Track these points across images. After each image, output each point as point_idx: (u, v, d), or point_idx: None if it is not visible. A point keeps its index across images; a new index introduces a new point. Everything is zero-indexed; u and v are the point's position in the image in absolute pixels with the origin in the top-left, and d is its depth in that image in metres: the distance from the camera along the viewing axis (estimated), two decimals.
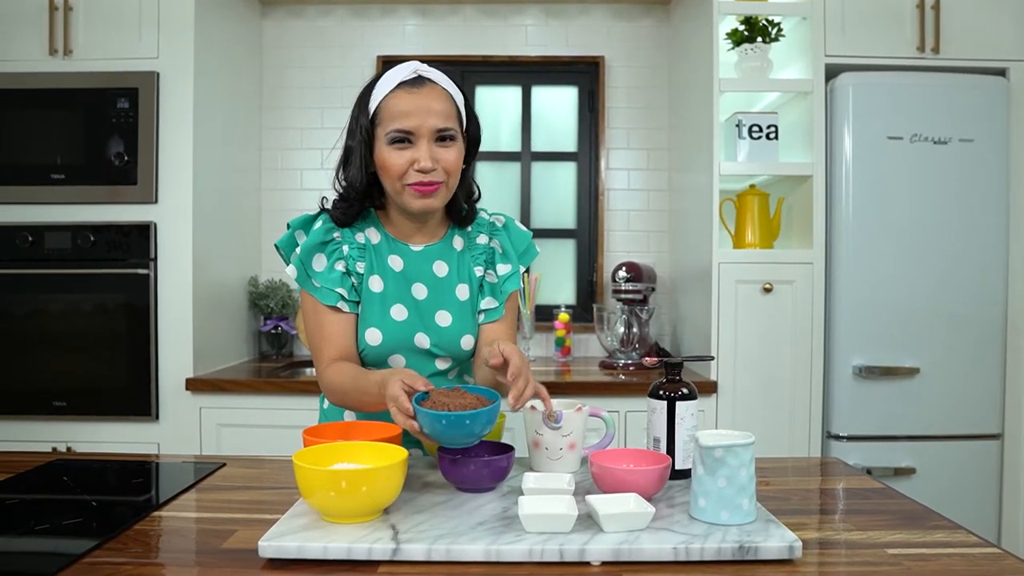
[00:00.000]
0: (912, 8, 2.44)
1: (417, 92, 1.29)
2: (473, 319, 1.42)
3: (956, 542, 1.04)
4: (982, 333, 2.46)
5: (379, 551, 0.92)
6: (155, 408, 2.40)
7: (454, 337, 1.39)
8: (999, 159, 2.45)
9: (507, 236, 1.45)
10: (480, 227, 1.46)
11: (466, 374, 1.49)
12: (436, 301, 1.39)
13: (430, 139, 1.29)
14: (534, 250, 1.48)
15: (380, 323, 1.35)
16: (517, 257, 1.44)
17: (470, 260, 1.43)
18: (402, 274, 1.39)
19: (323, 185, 3.01)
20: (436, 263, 1.41)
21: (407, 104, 1.28)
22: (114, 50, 2.39)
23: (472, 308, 1.42)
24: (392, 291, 1.38)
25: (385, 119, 1.30)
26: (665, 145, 3.06)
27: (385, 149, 1.30)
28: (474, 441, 1.06)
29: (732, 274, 2.44)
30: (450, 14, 3.06)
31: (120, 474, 1.36)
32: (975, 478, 2.48)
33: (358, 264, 1.37)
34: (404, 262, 1.40)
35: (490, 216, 1.48)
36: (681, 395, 1.22)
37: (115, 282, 2.39)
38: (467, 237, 1.45)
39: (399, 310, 1.37)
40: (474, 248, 1.44)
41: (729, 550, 0.93)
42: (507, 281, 1.41)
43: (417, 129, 1.28)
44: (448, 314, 1.39)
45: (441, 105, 1.31)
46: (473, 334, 1.41)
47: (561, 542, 0.93)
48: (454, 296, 1.40)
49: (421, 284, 1.40)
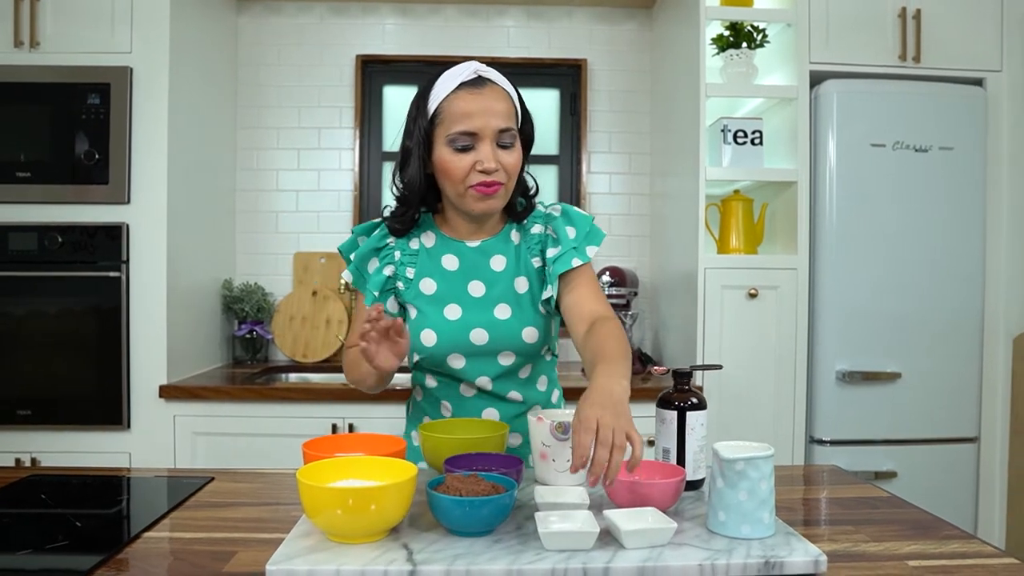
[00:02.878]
0: (894, 17, 2.47)
1: (479, 93, 1.28)
2: (535, 311, 1.37)
3: (972, 552, 1.03)
4: (960, 339, 2.50)
5: (395, 573, 0.87)
6: (126, 416, 2.31)
7: (514, 330, 1.34)
8: (977, 167, 2.49)
9: (566, 221, 1.38)
10: (536, 218, 1.41)
11: (544, 374, 1.44)
12: (495, 296, 1.36)
13: (493, 140, 1.28)
14: (600, 232, 1.40)
15: (434, 324, 1.35)
16: (584, 237, 1.36)
17: (526, 252, 1.39)
18: (457, 273, 1.37)
19: (300, 186, 2.99)
20: (494, 258, 1.38)
21: (470, 105, 1.27)
22: (84, 44, 2.30)
23: (533, 300, 1.37)
24: (445, 291, 1.36)
25: (447, 120, 1.28)
26: (647, 149, 3.05)
27: (446, 151, 1.28)
28: (487, 529, 0.99)
29: (717, 279, 2.43)
30: (431, 14, 3.01)
31: (101, 489, 1.29)
32: (953, 481, 2.51)
33: (408, 269, 1.38)
34: (460, 260, 1.38)
35: (547, 208, 1.43)
36: (691, 405, 1.20)
37: (84, 285, 2.29)
38: (523, 230, 1.41)
39: (453, 309, 1.35)
40: (530, 239, 1.39)
41: (755, 565, 0.91)
42: (556, 263, 1.33)
43: (481, 130, 1.27)
44: (508, 307, 1.35)
45: (503, 105, 1.29)
46: (537, 326, 1.36)
47: (584, 560, 0.90)
48: (512, 289, 1.37)
49: (478, 281, 1.37)
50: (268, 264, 2.99)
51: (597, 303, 1.33)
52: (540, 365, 1.43)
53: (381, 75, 3.05)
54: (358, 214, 3.01)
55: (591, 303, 1.32)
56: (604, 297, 1.37)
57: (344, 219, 3.00)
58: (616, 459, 0.94)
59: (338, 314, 2.89)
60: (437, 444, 1.22)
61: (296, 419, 2.33)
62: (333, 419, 2.34)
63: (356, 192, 3.01)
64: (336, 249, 1.48)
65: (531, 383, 1.42)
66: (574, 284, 1.34)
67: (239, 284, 2.88)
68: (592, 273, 1.38)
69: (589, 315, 1.30)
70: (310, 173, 3.00)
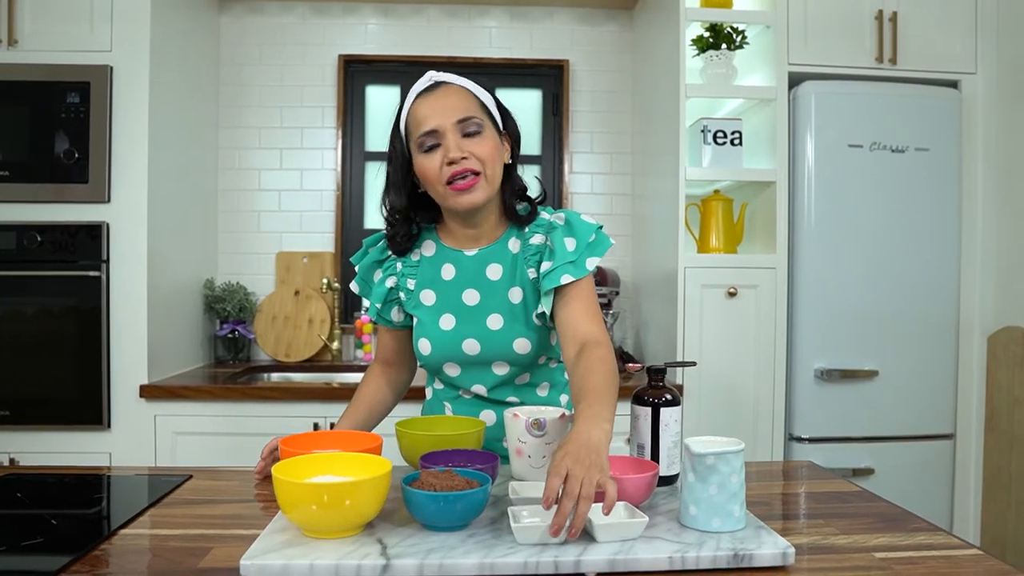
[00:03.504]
0: (871, 20, 2.50)
1: (433, 93, 1.31)
2: (528, 322, 1.36)
3: (938, 544, 1.05)
4: (936, 337, 2.53)
5: (369, 568, 0.88)
6: (107, 416, 2.30)
7: (505, 341, 1.35)
8: (952, 168, 2.53)
9: (567, 232, 1.35)
10: (538, 227, 1.38)
11: (545, 380, 1.44)
12: (488, 305, 1.36)
13: (455, 132, 1.28)
14: (606, 240, 1.36)
15: (429, 334, 1.38)
16: (586, 248, 1.33)
17: (523, 262, 1.37)
18: (453, 282, 1.38)
19: (281, 185, 2.99)
20: (490, 267, 1.38)
21: (426, 108, 1.30)
22: (64, 42, 2.29)
23: (526, 311, 1.36)
24: (442, 301, 1.38)
25: (412, 130, 1.32)
26: (629, 150, 3.07)
27: (420, 157, 1.31)
28: (461, 524, 1.00)
29: (697, 278, 2.46)
30: (414, 14, 3.02)
31: (78, 488, 1.29)
32: (929, 477, 2.55)
33: (409, 281, 1.41)
34: (457, 269, 1.39)
35: (551, 215, 1.40)
36: (665, 401, 1.21)
37: (64, 285, 2.29)
38: (523, 239, 1.39)
39: (447, 319, 1.37)
40: (528, 249, 1.37)
41: (724, 558, 0.93)
42: (545, 278, 1.31)
43: (439, 126, 1.28)
44: (500, 318, 1.36)
45: (458, 99, 1.31)
46: (528, 337, 1.35)
47: (556, 554, 0.91)
48: (507, 299, 1.36)
49: (473, 290, 1.37)
50: (250, 264, 2.99)
51: (590, 323, 1.29)
52: (540, 373, 1.43)
53: (363, 75, 3.06)
54: (340, 214, 3.01)
55: (584, 322, 1.29)
56: (599, 315, 1.33)
57: (327, 219, 3.01)
58: (582, 510, 0.92)
59: (320, 314, 2.89)
60: (414, 441, 1.23)
61: (278, 418, 2.33)
62: (315, 418, 2.34)
63: (339, 192, 3.01)
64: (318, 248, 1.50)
65: (530, 389, 1.42)
66: (568, 299, 1.31)
67: (221, 284, 2.87)
68: (589, 286, 1.34)
69: (580, 336, 1.27)
70: (292, 173, 3.00)
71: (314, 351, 2.87)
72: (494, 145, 1.32)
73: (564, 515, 0.91)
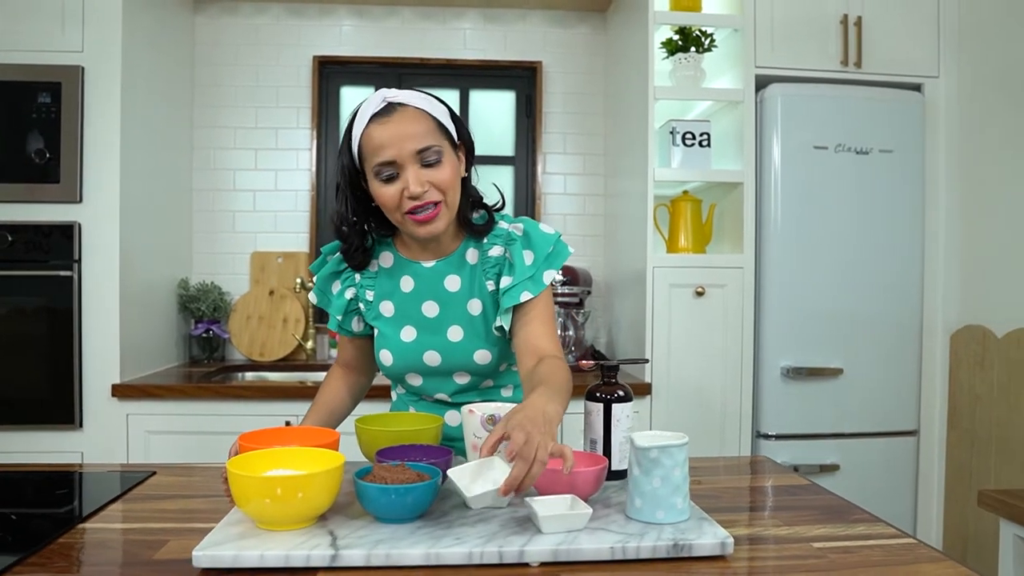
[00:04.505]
0: (837, 24, 2.55)
1: (389, 120, 1.25)
2: (487, 334, 1.37)
3: (876, 534, 1.09)
4: (900, 335, 2.59)
5: (317, 558, 0.91)
6: (79, 416, 2.31)
7: (466, 352, 1.37)
8: (916, 169, 2.58)
9: (526, 244, 1.36)
10: (496, 238, 1.38)
11: (510, 382, 1.46)
12: (448, 317, 1.37)
13: (414, 163, 1.25)
14: (564, 250, 1.37)
15: (391, 346, 1.39)
16: (545, 260, 1.35)
17: (481, 275, 1.38)
18: (412, 294, 1.39)
19: (257, 185, 3.00)
20: (448, 278, 1.38)
21: (382, 135, 1.25)
22: (34, 42, 2.29)
23: (486, 323, 1.37)
24: (401, 313, 1.39)
25: (367, 155, 1.27)
26: (601, 151, 3.11)
27: (376, 184, 1.27)
28: (411, 516, 1.02)
29: (666, 278, 2.49)
30: (388, 15, 3.04)
31: (42, 485, 1.30)
32: (894, 473, 2.60)
33: (368, 292, 1.41)
34: (415, 281, 1.39)
35: (509, 224, 1.39)
36: (617, 397, 1.25)
37: (35, 284, 2.29)
38: (482, 250, 1.39)
39: (408, 331, 1.39)
40: (486, 261, 1.38)
41: (664, 548, 0.96)
42: (505, 296, 1.32)
43: (398, 157, 1.24)
44: (460, 329, 1.37)
45: (416, 126, 1.26)
46: (489, 349, 1.37)
47: (500, 544, 0.94)
48: (465, 311, 1.37)
49: (432, 301, 1.38)
50: (225, 263, 3.00)
51: (547, 340, 1.32)
52: (503, 377, 1.45)
53: (338, 76, 3.08)
54: (315, 214, 3.03)
55: (542, 340, 1.31)
56: (555, 332, 1.36)
57: (301, 219, 3.02)
58: (534, 472, 0.95)
59: (295, 313, 2.91)
60: (373, 437, 1.26)
61: (251, 417, 2.34)
62: (288, 416, 2.35)
63: (313, 192, 3.02)
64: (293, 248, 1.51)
65: (495, 391, 1.45)
66: (527, 318, 1.33)
67: (196, 283, 2.88)
68: (547, 300, 1.36)
69: (538, 353, 1.29)
70: (267, 173, 3.02)
71: (288, 350, 2.89)
72: (453, 169, 1.29)
73: (517, 478, 0.95)
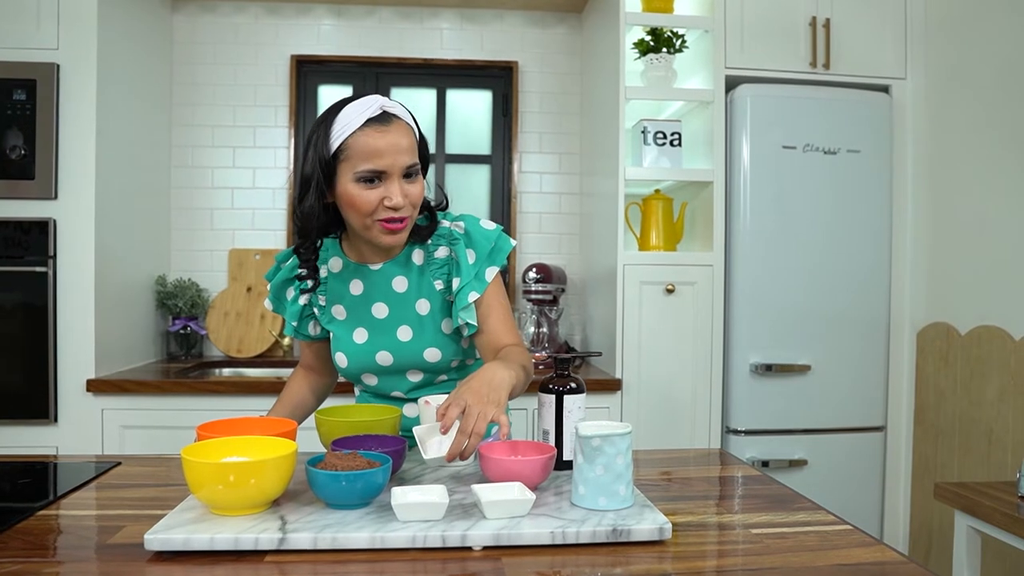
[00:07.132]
0: (805, 26, 2.59)
1: (386, 130, 1.27)
2: (437, 333, 1.41)
3: (815, 521, 1.13)
4: (867, 332, 2.63)
5: (266, 541, 0.94)
6: (53, 410, 2.33)
7: (416, 351, 1.40)
8: (883, 169, 2.63)
9: (468, 242, 1.39)
10: (440, 238, 1.41)
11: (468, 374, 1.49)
12: (397, 317, 1.41)
13: (399, 176, 1.28)
14: (506, 244, 1.41)
15: (345, 348, 1.44)
16: (487, 257, 1.39)
17: (429, 275, 1.41)
18: (362, 296, 1.42)
19: (234, 183, 3.03)
20: (395, 279, 1.41)
21: (378, 142, 1.26)
22: (8, 39, 2.31)
23: (435, 322, 1.41)
24: (353, 315, 1.43)
25: (354, 157, 1.27)
26: (577, 150, 3.15)
27: (352, 186, 1.28)
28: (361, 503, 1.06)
29: (637, 275, 2.53)
30: (366, 15, 3.07)
31: (7, 474, 1.33)
32: (861, 468, 2.64)
33: (320, 297, 1.46)
34: (364, 284, 1.42)
35: (451, 223, 1.42)
36: (569, 389, 1.28)
37: (10, 280, 2.31)
38: (427, 251, 1.42)
39: (360, 333, 1.43)
40: (432, 263, 1.41)
41: (603, 533, 0.99)
42: (458, 295, 1.37)
43: (389, 168, 1.27)
44: (409, 329, 1.40)
45: (408, 141, 1.29)
46: (439, 347, 1.41)
47: (443, 529, 0.97)
48: (414, 311, 1.41)
49: (382, 303, 1.42)
50: (203, 260, 3.02)
51: (505, 334, 1.39)
52: (458, 372, 1.49)
53: (316, 75, 3.10)
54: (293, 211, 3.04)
55: (500, 336, 1.38)
56: (511, 321, 1.42)
57: (279, 216, 3.05)
58: (472, 443, 1.08)
59: None
60: (331, 427, 1.29)
61: (227, 412, 2.35)
62: (264, 411, 2.37)
63: (291, 190, 3.05)
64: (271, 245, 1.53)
65: (450, 385, 1.48)
66: (483, 316, 1.39)
67: (173, 280, 2.90)
68: (498, 294, 1.41)
69: (498, 347, 1.37)
70: (245, 171, 3.04)
71: (266, 347, 2.91)
72: (422, 184, 1.34)
73: (459, 446, 1.08)
